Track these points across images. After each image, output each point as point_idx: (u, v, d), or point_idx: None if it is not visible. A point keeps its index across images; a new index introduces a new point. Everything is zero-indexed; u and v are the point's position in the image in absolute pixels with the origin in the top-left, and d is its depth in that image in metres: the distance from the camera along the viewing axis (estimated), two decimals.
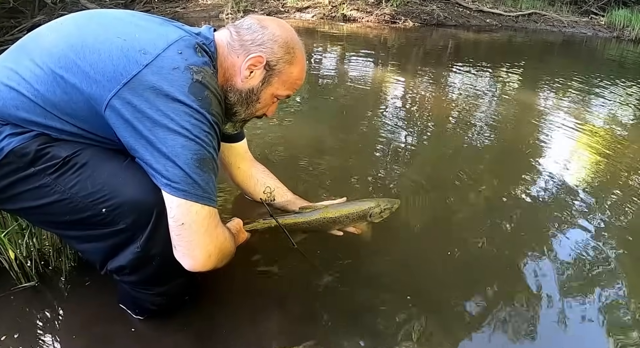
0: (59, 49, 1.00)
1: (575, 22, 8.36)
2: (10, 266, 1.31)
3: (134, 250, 1.03)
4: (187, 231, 0.98)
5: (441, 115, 3.17)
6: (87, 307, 1.28)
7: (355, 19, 7.52)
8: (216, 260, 1.05)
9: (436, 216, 1.83)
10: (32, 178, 1.00)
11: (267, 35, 1.14)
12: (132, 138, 0.97)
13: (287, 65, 1.17)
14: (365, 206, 1.46)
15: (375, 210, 1.47)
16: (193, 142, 0.96)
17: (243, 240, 1.35)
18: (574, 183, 2.18)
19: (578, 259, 1.61)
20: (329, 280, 1.43)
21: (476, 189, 2.06)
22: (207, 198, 0.99)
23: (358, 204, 1.48)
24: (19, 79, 1.00)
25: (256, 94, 1.18)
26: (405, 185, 2.05)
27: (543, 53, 6.50)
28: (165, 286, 1.15)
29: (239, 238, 1.33)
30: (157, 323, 1.23)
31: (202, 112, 0.98)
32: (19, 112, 0.99)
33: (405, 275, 1.49)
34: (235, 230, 1.31)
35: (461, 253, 1.60)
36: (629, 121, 3.37)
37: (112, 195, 0.99)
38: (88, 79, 0.97)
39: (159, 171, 0.96)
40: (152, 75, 0.95)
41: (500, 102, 3.66)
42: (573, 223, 1.83)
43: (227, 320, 1.27)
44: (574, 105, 3.65)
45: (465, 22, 7.99)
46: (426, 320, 1.30)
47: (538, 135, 2.87)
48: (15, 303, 1.28)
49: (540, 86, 4.32)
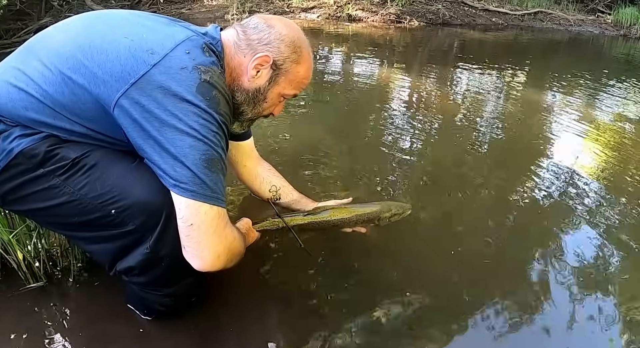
0: (67, 50, 1.00)
1: (582, 20, 8.31)
2: (19, 267, 1.32)
3: (143, 251, 1.03)
4: (196, 231, 0.98)
5: (447, 114, 3.16)
6: (95, 307, 1.28)
7: (361, 19, 7.52)
8: (225, 260, 1.05)
9: (441, 215, 1.82)
10: (42, 179, 1.00)
11: (273, 34, 1.13)
12: (140, 138, 0.97)
13: (293, 64, 1.16)
14: (377, 210, 1.46)
15: (386, 215, 1.47)
16: (201, 142, 0.96)
17: (253, 239, 1.35)
18: (580, 182, 2.16)
19: (583, 258, 1.60)
20: (335, 279, 1.42)
21: (482, 188, 2.05)
22: (216, 198, 0.99)
23: (369, 206, 1.48)
24: (28, 80, 1.00)
25: (263, 93, 1.17)
26: (410, 184, 2.05)
27: (549, 52, 6.47)
28: (174, 287, 1.15)
29: (249, 237, 1.32)
30: (165, 324, 1.23)
31: (210, 112, 0.98)
32: (29, 113, 1.00)
33: (410, 275, 1.49)
34: (245, 229, 1.31)
35: (466, 252, 1.59)
36: (636, 119, 3.34)
37: (122, 196, 0.99)
38: (96, 79, 0.97)
39: (167, 171, 0.96)
40: (160, 75, 0.95)
41: (506, 101, 3.64)
42: (579, 222, 1.82)
43: (234, 320, 1.27)
44: (580, 104, 3.63)
45: (471, 21, 7.97)
46: (430, 319, 1.30)
47: (544, 134, 2.86)
48: (24, 303, 1.28)
49: (546, 84, 4.30)
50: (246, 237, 1.29)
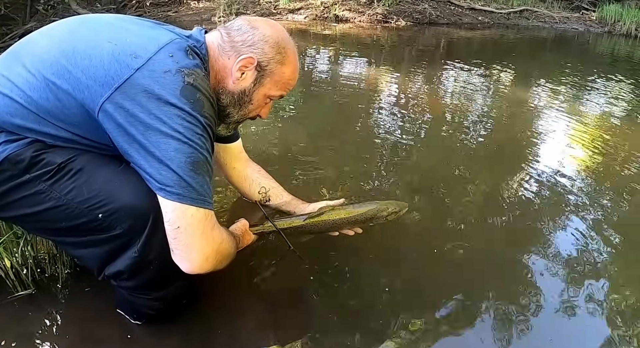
0: (51, 55, 1.00)
1: (567, 18, 8.41)
2: (7, 275, 1.31)
3: (131, 255, 1.02)
4: (183, 234, 0.98)
5: (435, 113, 3.18)
6: (84, 313, 1.27)
7: (348, 20, 7.55)
8: (214, 262, 1.05)
9: (430, 214, 1.83)
10: (27, 185, 0.99)
11: (257, 35, 1.13)
12: (125, 142, 0.97)
13: (278, 65, 1.16)
14: (376, 209, 1.46)
15: (383, 213, 1.47)
16: (186, 145, 0.96)
17: (249, 241, 1.34)
18: (569, 178, 2.19)
19: (574, 254, 1.62)
20: (325, 280, 1.43)
21: (471, 187, 2.07)
22: (202, 201, 0.99)
23: (367, 206, 1.47)
24: (12, 85, 1.00)
25: (248, 95, 1.17)
26: (400, 184, 2.06)
27: (535, 49, 6.54)
28: (163, 291, 1.15)
29: (244, 239, 1.32)
30: (155, 328, 1.22)
31: (195, 114, 0.98)
32: (13, 119, 0.99)
33: (401, 274, 1.49)
34: (241, 231, 1.31)
35: (457, 251, 1.60)
36: (622, 115, 3.38)
37: (108, 201, 0.99)
38: (80, 84, 0.97)
39: (153, 175, 0.96)
40: (144, 79, 0.95)
41: (493, 99, 3.68)
42: (569, 218, 1.84)
43: (225, 323, 1.27)
44: (567, 100, 3.67)
45: (457, 20, 8.02)
46: (423, 318, 1.30)
47: (532, 131, 2.89)
48: (12, 311, 1.27)
49: (533, 82, 4.34)
50: (241, 239, 1.29)
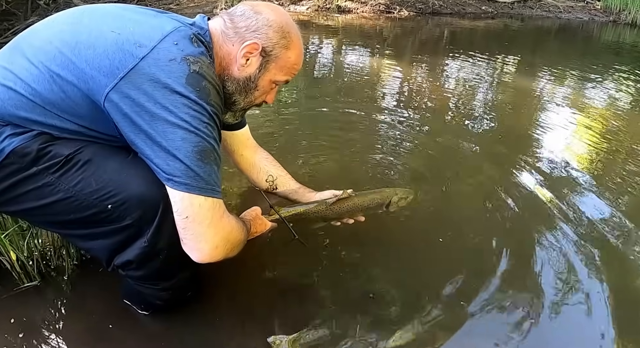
0: (53, 47, 0.99)
1: (571, 7, 8.33)
2: (12, 267, 1.31)
3: (141, 245, 1.02)
4: (192, 224, 0.97)
5: (439, 104, 3.16)
6: (90, 304, 1.27)
7: (350, 10, 7.49)
8: (224, 251, 1.04)
9: (434, 204, 1.82)
10: (35, 178, 0.99)
11: (261, 20, 1.12)
12: (132, 132, 0.96)
13: (283, 50, 1.14)
14: (386, 195, 1.49)
15: (394, 199, 1.49)
16: (193, 134, 0.95)
17: (264, 229, 1.35)
18: (573, 170, 2.17)
19: (577, 248, 1.59)
20: (331, 271, 1.42)
21: (474, 178, 2.05)
22: (210, 190, 0.98)
23: (378, 192, 1.50)
24: (15, 78, 0.99)
25: (254, 81, 1.16)
26: (403, 176, 2.05)
27: (539, 39, 6.48)
28: (171, 281, 1.14)
29: (258, 227, 1.32)
30: (162, 318, 1.23)
31: (201, 103, 0.97)
32: (19, 111, 0.98)
33: (407, 264, 1.49)
34: (252, 218, 1.30)
35: (463, 240, 1.60)
36: (627, 105, 3.35)
37: (117, 191, 0.98)
38: (84, 75, 0.96)
39: (160, 165, 0.96)
40: (149, 67, 0.94)
41: (497, 89, 3.65)
42: (572, 211, 1.81)
43: (230, 313, 1.27)
44: (571, 91, 3.65)
45: (460, 10, 7.95)
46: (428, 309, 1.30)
47: (536, 122, 2.86)
48: (19, 303, 1.27)
49: (537, 72, 4.30)
50: (252, 226, 1.29)
